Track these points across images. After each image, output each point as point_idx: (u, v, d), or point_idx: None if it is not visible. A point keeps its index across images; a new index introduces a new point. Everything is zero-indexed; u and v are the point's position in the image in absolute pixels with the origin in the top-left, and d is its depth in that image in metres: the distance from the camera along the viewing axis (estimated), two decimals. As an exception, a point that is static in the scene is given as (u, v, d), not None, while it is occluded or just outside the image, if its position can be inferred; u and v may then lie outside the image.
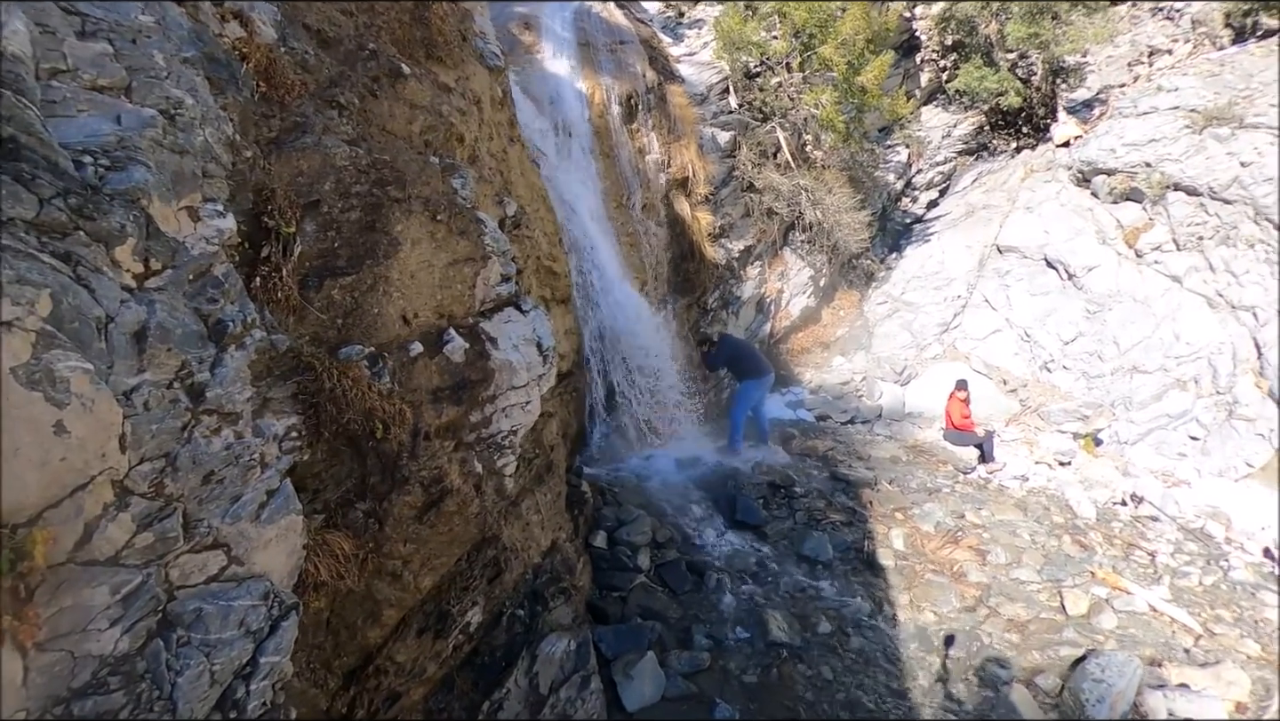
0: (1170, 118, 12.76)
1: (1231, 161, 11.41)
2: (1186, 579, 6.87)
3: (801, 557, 6.38)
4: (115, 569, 1.71)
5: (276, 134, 3.04)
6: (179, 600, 1.89)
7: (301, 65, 3.46)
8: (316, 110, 3.32)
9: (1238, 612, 6.40)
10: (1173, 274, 11.27)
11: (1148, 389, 10.47)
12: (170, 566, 1.88)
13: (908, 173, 17.63)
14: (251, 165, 2.77)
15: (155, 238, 1.98)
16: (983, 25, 16.96)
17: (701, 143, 11.63)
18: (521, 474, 4.11)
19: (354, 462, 2.84)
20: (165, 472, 1.86)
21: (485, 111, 5.36)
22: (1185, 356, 10.47)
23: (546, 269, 5.94)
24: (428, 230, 3.32)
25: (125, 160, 1.98)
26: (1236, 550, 7.76)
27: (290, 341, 2.53)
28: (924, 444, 9.76)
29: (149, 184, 1.97)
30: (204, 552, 2.00)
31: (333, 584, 2.66)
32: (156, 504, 1.82)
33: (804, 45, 12.99)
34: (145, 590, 1.77)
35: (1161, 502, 8.51)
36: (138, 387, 1.78)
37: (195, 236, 2.17)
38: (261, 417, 2.32)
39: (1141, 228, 12.08)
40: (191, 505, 1.95)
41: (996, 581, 6.36)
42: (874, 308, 14.16)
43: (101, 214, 1.76)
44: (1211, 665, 5.44)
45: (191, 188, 2.24)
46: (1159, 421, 10.11)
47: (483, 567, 3.59)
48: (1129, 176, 12.53)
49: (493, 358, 3.54)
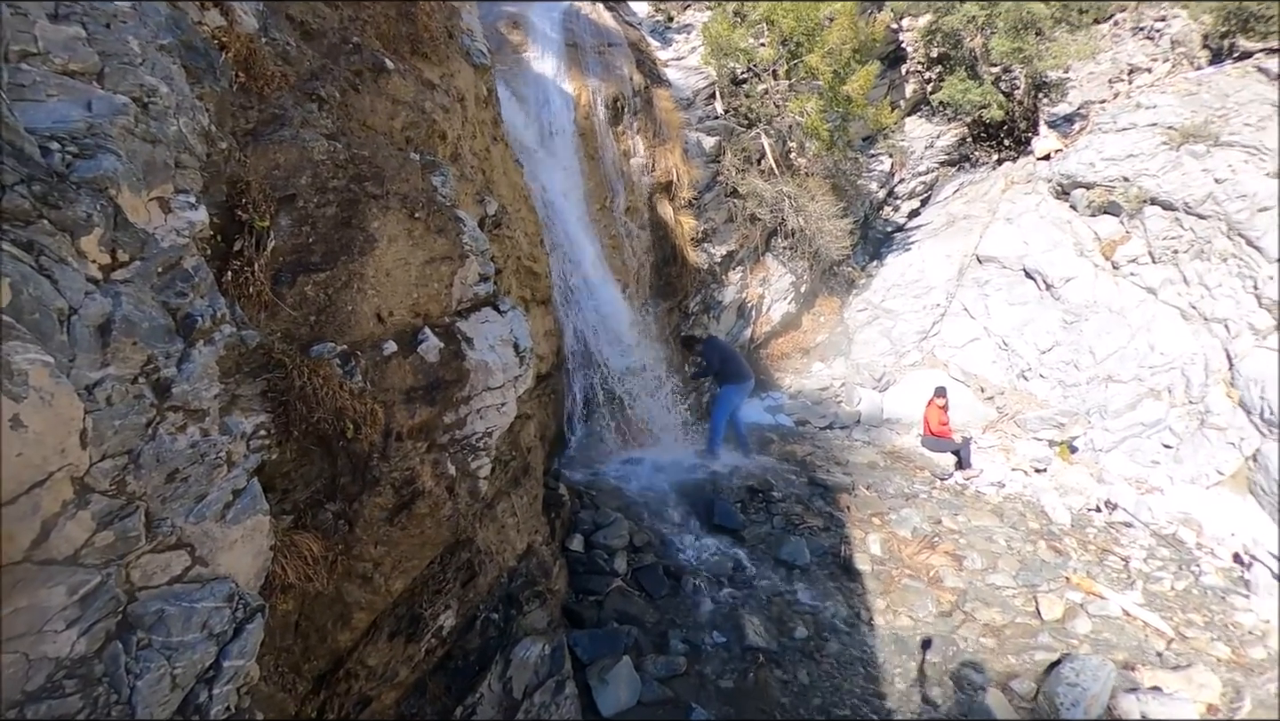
0: (1148, 134, 13.03)
1: (1206, 178, 11.69)
2: (1159, 584, 6.99)
3: (779, 562, 6.39)
4: (74, 568, 1.65)
5: (254, 126, 2.98)
6: (140, 601, 1.83)
7: (282, 57, 3.39)
8: (296, 103, 3.25)
9: (1208, 616, 6.54)
10: (1148, 286, 11.51)
11: (1122, 398, 10.66)
12: (131, 566, 1.82)
13: (890, 182, 17.78)
14: (227, 157, 2.71)
15: (123, 228, 1.93)
16: (968, 39, 17.16)
17: (686, 147, 11.65)
18: (497, 476, 4.06)
19: (324, 463, 2.78)
20: (127, 470, 1.80)
21: (469, 109, 5.31)
22: (1159, 366, 10.69)
23: (527, 269, 5.89)
24: (405, 227, 3.27)
25: (95, 148, 1.92)
26: (1207, 555, 7.93)
27: (261, 338, 2.48)
28: (902, 450, 9.85)
29: (118, 173, 1.92)
30: (167, 553, 1.94)
31: (301, 586, 2.60)
32: (118, 502, 1.76)
33: (791, 53, 13.07)
34: (104, 590, 1.72)
35: (1135, 509, 8.66)
36: (100, 382, 1.72)
37: (166, 228, 2.11)
38: (229, 415, 2.26)
39: (1118, 240, 12.32)
40: (154, 504, 1.89)
41: (972, 586, 6.42)
42: (854, 314, 14.26)
43: (67, 202, 1.71)
44: (1183, 668, 5.55)
45: (163, 178, 2.18)
46: (1133, 429, 10.30)
47: (456, 571, 3.54)
48: (1107, 190, 12.77)
49: (468, 358, 3.48)
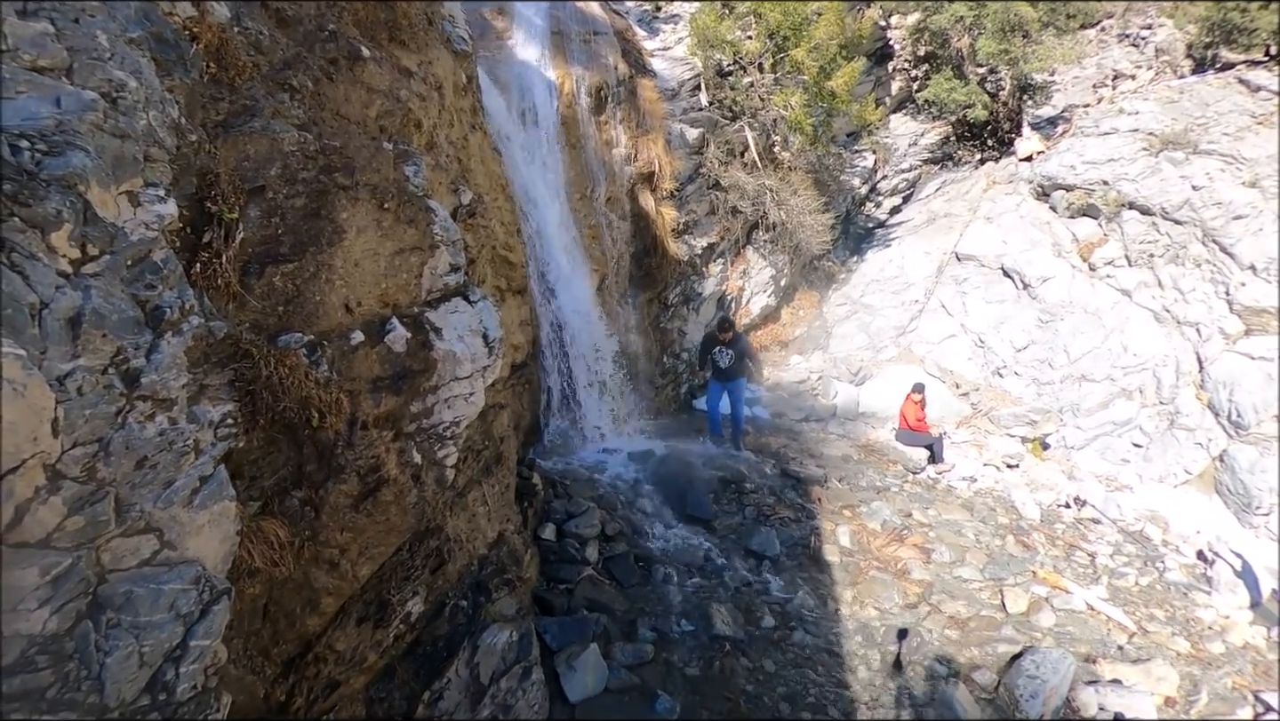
0: (1129, 139, 13.22)
1: (1184, 184, 11.91)
2: (1124, 579, 7.16)
3: (749, 552, 6.50)
4: (45, 550, 1.73)
5: (224, 117, 2.99)
6: (110, 583, 1.90)
7: (255, 46, 3.38)
8: (267, 93, 3.26)
9: (1170, 612, 6.71)
10: (1123, 288, 11.73)
11: (1095, 397, 10.89)
12: (102, 549, 1.90)
13: (873, 178, 17.88)
14: (196, 149, 2.72)
15: (93, 223, 1.97)
16: (955, 39, 17.25)
17: (670, 138, 11.65)
18: (468, 465, 4.11)
19: (290, 450, 2.84)
20: (98, 457, 1.87)
21: (447, 97, 5.30)
22: (1132, 367, 10.92)
23: (502, 258, 5.91)
24: (374, 218, 3.30)
25: (64, 145, 1.96)
26: (1172, 552, 8.13)
27: (229, 328, 2.52)
28: (876, 443, 9.98)
29: (87, 169, 1.96)
30: (135, 537, 2.01)
31: (268, 571, 2.67)
32: (88, 488, 1.83)
33: (777, 47, 13.07)
34: (75, 572, 1.79)
35: (1103, 506, 8.86)
36: (71, 373, 1.78)
37: (135, 222, 2.16)
38: (197, 404, 2.32)
39: (1096, 243, 12.52)
40: (124, 490, 1.96)
41: (940, 579, 6.55)
42: (833, 309, 14.38)
43: (37, 200, 1.76)
44: (1143, 661, 5.69)
45: (132, 172, 2.22)
46: (1104, 428, 10.54)
47: (424, 558, 3.60)
48: (1087, 193, 12.97)
49: (435, 348, 3.52)
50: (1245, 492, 8.92)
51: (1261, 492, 8.75)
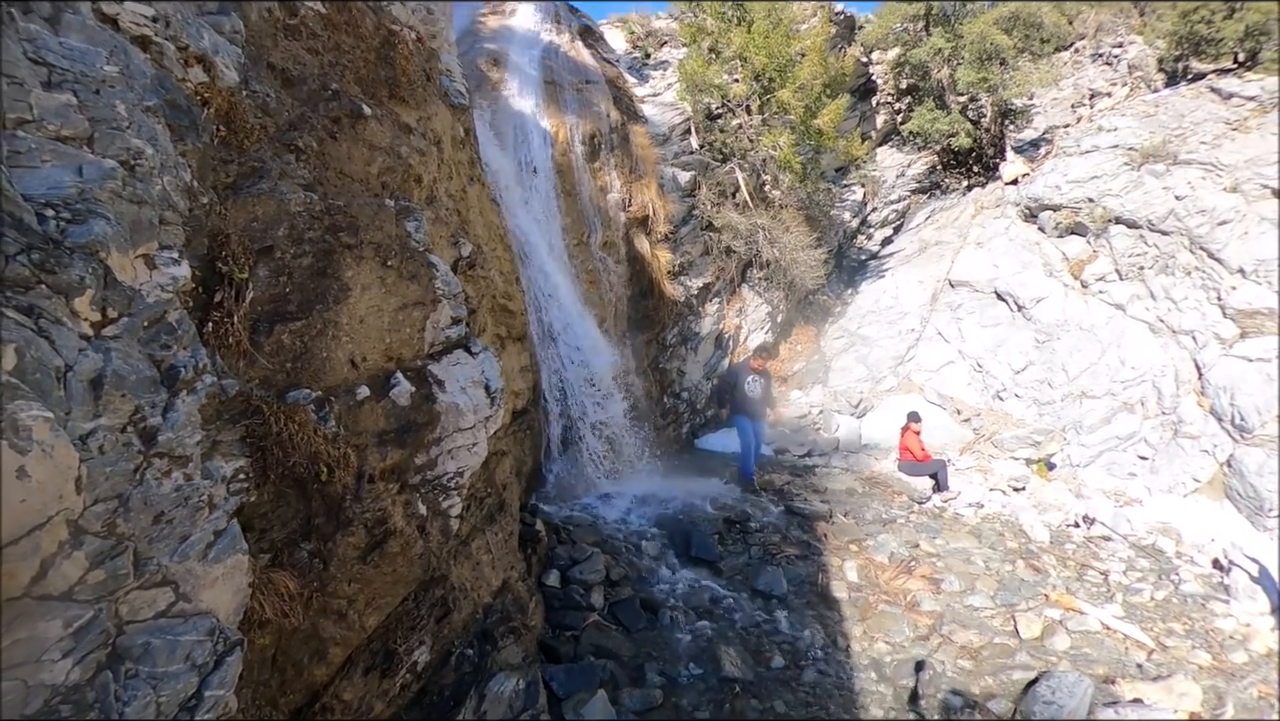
0: (1110, 156, 13.50)
1: (1167, 195, 12.13)
2: (1139, 595, 7.04)
3: (756, 592, 6.43)
4: (68, 603, 1.78)
5: (234, 179, 3.09)
6: (128, 634, 1.95)
7: (262, 108, 3.49)
8: (275, 154, 3.37)
9: (1189, 624, 6.57)
10: (1116, 302, 11.84)
11: (1097, 413, 10.89)
12: (120, 602, 1.94)
13: (863, 211, 18.20)
14: (208, 211, 2.82)
15: (112, 287, 2.06)
16: (935, 70, 17.73)
17: (662, 182, 11.92)
18: (472, 514, 4.13)
19: (299, 504, 2.88)
20: (118, 513, 1.93)
21: (445, 151, 5.42)
22: (1131, 380, 10.95)
23: (502, 307, 5.99)
24: (378, 276, 3.39)
25: (86, 213, 2.05)
26: (1187, 563, 8.00)
27: (240, 385, 2.60)
28: (879, 475, 9.94)
29: (108, 236, 2.05)
30: (153, 589, 2.06)
31: (278, 621, 2.69)
32: (109, 542, 1.89)
33: (763, 89, 13.44)
34: (96, 624, 1.84)
35: (1113, 522, 8.75)
36: (93, 432, 1.85)
37: (151, 284, 2.25)
38: (211, 460, 2.38)
39: (1086, 259, 12.69)
40: (142, 544, 2.02)
41: (950, 609, 6.48)
42: (830, 342, 14.49)
43: (62, 267, 1.85)
44: (1164, 678, 5.55)
45: (149, 236, 2.30)
46: (1109, 443, 10.52)
47: (430, 607, 3.60)
48: (1073, 211, 13.19)
49: (439, 400, 3.58)
50: (1256, 496, 8.84)
51: (1272, 494, 8.68)
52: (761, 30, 13.08)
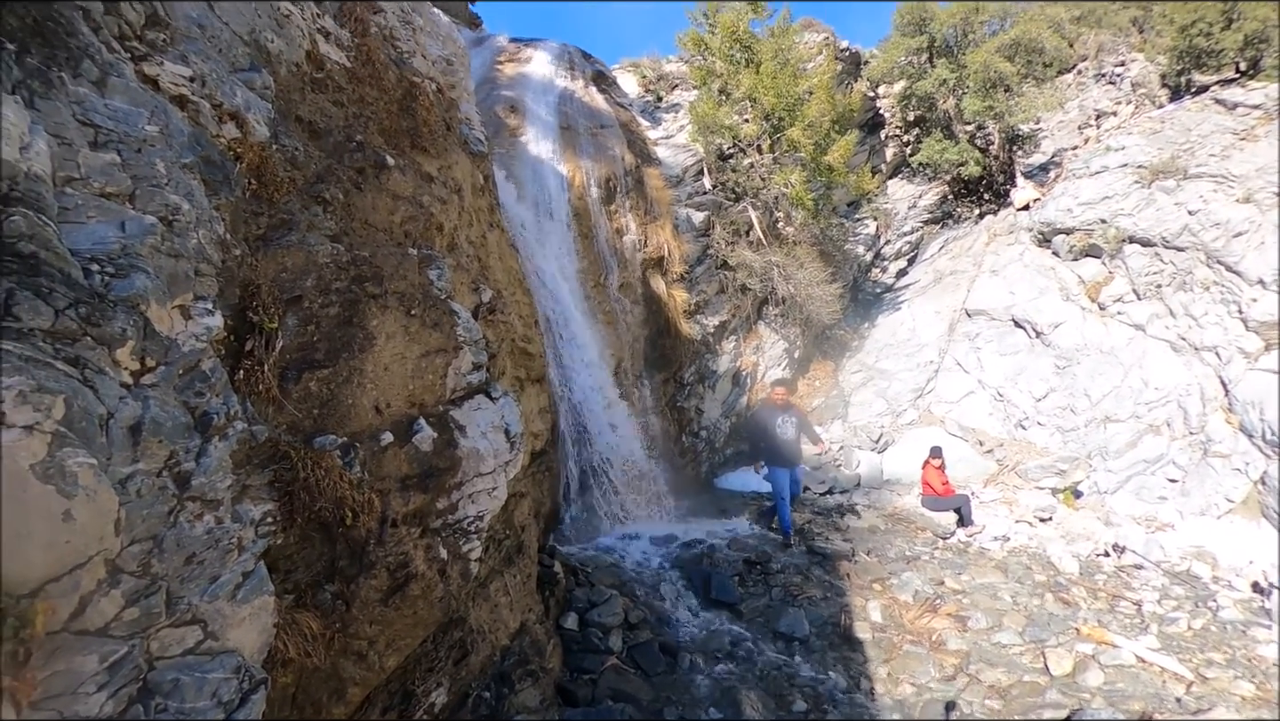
0: (1120, 175, 13.44)
1: (1180, 211, 12.01)
2: (1174, 625, 6.82)
3: (777, 634, 6.34)
4: (104, 639, 1.86)
5: (264, 231, 3.22)
6: (158, 670, 2.02)
7: (291, 161, 3.63)
8: (303, 206, 3.51)
9: (1229, 653, 6.32)
10: (1136, 323, 11.65)
11: (1122, 437, 10.64)
12: (152, 639, 2.02)
13: (876, 244, 18.27)
14: (240, 262, 2.95)
15: (151, 337, 2.17)
16: (941, 101, 17.95)
17: (677, 223, 12.11)
18: (490, 556, 4.16)
19: (324, 547, 2.95)
20: (152, 553, 2.01)
21: (466, 198, 5.55)
22: (1155, 401, 10.70)
23: (521, 350, 6.08)
24: (402, 325, 3.50)
25: (128, 268, 2.17)
26: (1224, 588, 7.73)
27: (269, 431, 2.69)
28: (902, 511, 9.82)
29: (148, 290, 2.17)
30: (183, 627, 2.13)
31: (300, 661, 2.74)
32: (143, 582, 1.97)
33: (774, 128, 13.67)
34: (129, 660, 1.91)
35: (1145, 549, 8.48)
36: (131, 476, 1.95)
37: (186, 334, 2.36)
38: (240, 503, 2.47)
39: (1102, 281, 12.56)
40: (174, 584, 2.10)
41: (977, 647, 6.33)
42: (849, 377, 14.39)
43: (106, 320, 1.97)
44: (1204, 712, 5.37)
45: (185, 288, 2.42)
46: (1136, 468, 10.23)
47: (448, 649, 3.63)
48: (1086, 234, 13.11)
49: (460, 446, 3.64)
50: (1294, 512, 8.48)
51: (1312, 509, 8.32)
52: (769, 71, 13.37)
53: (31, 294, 1.76)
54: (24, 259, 1.83)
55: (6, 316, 1.70)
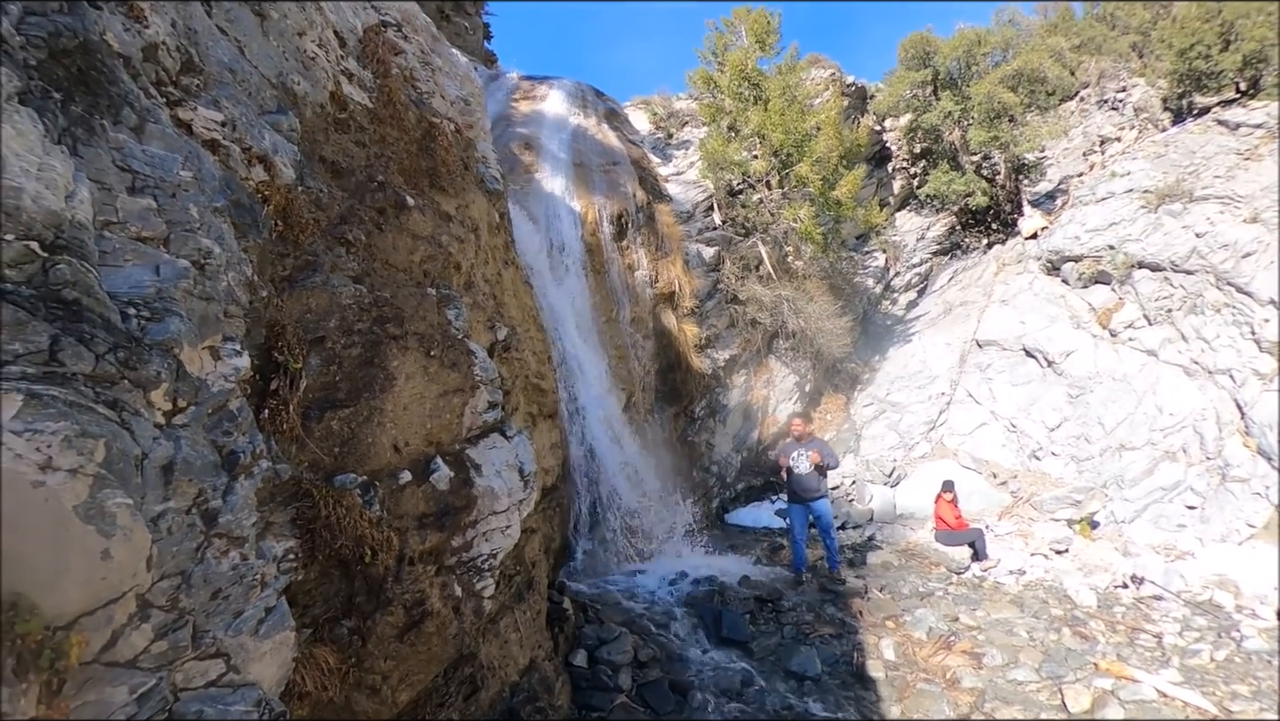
0: (1126, 200, 13.48)
1: (1187, 234, 12.01)
2: (1197, 657, 6.67)
3: (789, 673, 6.26)
4: (133, 671, 1.93)
5: (290, 272, 3.31)
6: (183, 701, 2.08)
7: (316, 203, 3.71)
8: (327, 248, 3.59)
9: (1255, 685, 6.15)
10: (1148, 348, 11.56)
11: (1138, 465, 10.49)
12: (177, 671, 2.08)
13: (886, 276, 18.36)
14: (266, 303, 3.03)
15: (183, 379, 2.25)
16: (946, 133, 18.18)
17: (687, 258, 12.26)
18: (501, 592, 4.17)
19: (343, 583, 3.01)
20: (180, 589, 2.08)
21: (482, 237, 5.64)
22: (1170, 427, 10.56)
23: (535, 386, 6.13)
24: (421, 365, 3.58)
25: (163, 311, 2.25)
26: (1248, 617, 7.54)
27: (292, 469, 2.76)
28: (916, 546, 9.72)
29: (181, 333, 2.26)
30: (207, 661, 2.19)
31: (316, 694, 2.78)
32: (172, 616, 2.04)
33: (782, 164, 13.88)
34: (157, 691, 1.98)
35: (1165, 580, 8.30)
36: (163, 514, 2.02)
37: (215, 374, 2.44)
38: (264, 540, 2.53)
39: (1113, 308, 12.51)
40: (200, 618, 2.16)
41: (992, 685, 6.22)
42: (860, 410, 14.37)
43: (142, 364, 2.05)
44: None
45: (214, 330, 2.50)
46: (1153, 495, 10.05)
47: (459, 685, 3.64)
48: (1095, 260, 13.11)
49: (476, 485, 3.69)
50: (1318, 535, 8.29)
51: (1337, 532, 8.13)
52: (777, 108, 13.61)
53: (75, 339, 1.85)
54: (67, 305, 1.92)
55: (52, 361, 1.79)
